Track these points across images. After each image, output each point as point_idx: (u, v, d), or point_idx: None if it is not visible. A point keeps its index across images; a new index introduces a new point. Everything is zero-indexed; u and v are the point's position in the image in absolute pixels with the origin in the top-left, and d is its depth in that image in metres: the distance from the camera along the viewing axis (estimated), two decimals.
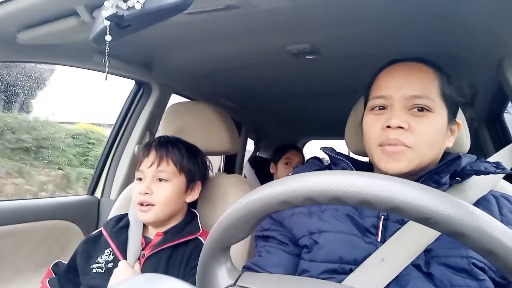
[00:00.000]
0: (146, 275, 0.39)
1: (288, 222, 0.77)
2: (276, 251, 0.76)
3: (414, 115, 0.70)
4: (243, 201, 0.41)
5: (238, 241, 0.45)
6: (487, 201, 0.69)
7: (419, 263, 0.63)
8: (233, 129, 1.32)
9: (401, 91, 0.71)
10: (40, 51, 1.05)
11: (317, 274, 0.67)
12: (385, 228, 0.68)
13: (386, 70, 0.78)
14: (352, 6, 0.88)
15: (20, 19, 0.84)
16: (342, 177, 0.35)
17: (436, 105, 0.70)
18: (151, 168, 1.00)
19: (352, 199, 0.34)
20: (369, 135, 0.74)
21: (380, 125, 0.71)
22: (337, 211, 0.72)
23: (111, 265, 0.96)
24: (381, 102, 0.73)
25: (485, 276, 0.60)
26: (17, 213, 1.22)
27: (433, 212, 0.31)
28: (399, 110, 0.70)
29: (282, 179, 0.40)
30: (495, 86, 1.25)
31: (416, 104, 0.70)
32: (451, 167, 0.68)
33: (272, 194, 0.39)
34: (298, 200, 0.37)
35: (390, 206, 0.32)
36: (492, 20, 0.89)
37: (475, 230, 0.30)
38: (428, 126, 0.69)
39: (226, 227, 0.43)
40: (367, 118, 0.77)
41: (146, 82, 1.52)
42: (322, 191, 0.36)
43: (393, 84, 0.73)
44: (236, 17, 0.93)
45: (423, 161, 0.69)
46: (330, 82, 1.54)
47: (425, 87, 0.71)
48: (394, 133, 0.69)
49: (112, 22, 0.64)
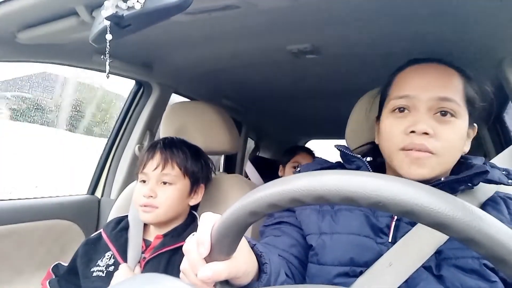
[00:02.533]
0: (147, 274, 0.39)
1: (300, 215, 0.77)
2: (290, 231, 0.75)
3: (439, 121, 0.67)
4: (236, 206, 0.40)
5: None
6: (495, 202, 0.68)
7: (430, 265, 0.62)
8: (233, 129, 1.32)
9: (428, 91, 0.68)
10: (40, 51, 1.05)
11: (329, 279, 0.66)
12: (397, 228, 0.67)
13: (408, 69, 0.74)
14: (352, 6, 0.88)
15: (19, 19, 0.84)
16: (355, 178, 0.34)
17: (461, 109, 0.68)
18: (155, 171, 0.99)
19: (364, 201, 0.34)
20: (390, 139, 0.70)
21: (403, 129, 0.68)
22: (352, 212, 0.71)
23: (111, 268, 0.96)
24: (404, 102, 0.70)
25: (496, 278, 0.59)
26: (16, 213, 1.22)
27: (445, 217, 0.30)
28: (424, 114, 0.67)
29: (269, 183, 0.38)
30: (495, 86, 1.24)
31: (442, 108, 0.67)
32: (474, 179, 0.66)
33: (258, 199, 0.37)
34: (295, 201, 0.37)
35: (403, 210, 0.32)
36: (492, 20, 0.89)
37: (486, 237, 0.30)
38: (453, 132, 0.67)
39: (223, 234, 0.42)
40: (387, 120, 0.73)
41: (146, 81, 1.52)
42: (310, 191, 0.35)
43: (419, 83, 0.70)
44: (236, 17, 0.93)
45: (445, 168, 0.68)
46: (331, 82, 1.54)
47: (453, 89, 0.68)
48: (420, 138, 0.66)
49: (112, 22, 0.64)
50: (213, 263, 0.42)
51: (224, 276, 0.43)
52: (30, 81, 3.24)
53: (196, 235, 0.43)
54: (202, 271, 0.42)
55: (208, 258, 0.43)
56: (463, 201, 0.32)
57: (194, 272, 0.43)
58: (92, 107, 3.99)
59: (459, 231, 0.30)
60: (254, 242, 0.53)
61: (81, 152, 3.77)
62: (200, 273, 0.42)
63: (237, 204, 0.39)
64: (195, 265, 0.43)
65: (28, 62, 1.08)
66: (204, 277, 0.42)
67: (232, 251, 0.43)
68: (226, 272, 0.43)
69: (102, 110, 4.02)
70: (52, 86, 3.51)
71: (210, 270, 0.42)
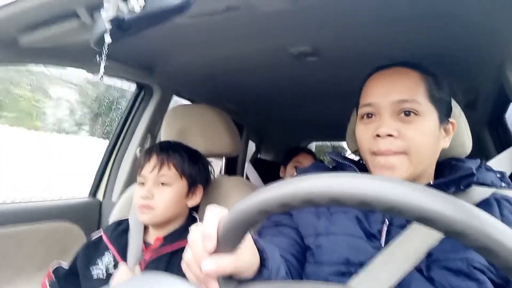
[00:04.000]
0: (147, 274, 0.39)
1: (297, 217, 0.77)
2: (287, 232, 0.76)
3: (403, 121, 0.70)
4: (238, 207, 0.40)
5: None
6: (488, 204, 0.69)
7: (421, 268, 0.63)
8: (235, 131, 1.32)
9: (388, 97, 0.71)
10: (41, 54, 1.05)
11: (325, 277, 0.67)
12: (389, 233, 0.68)
13: (371, 77, 0.78)
14: (353, 8, 0.88)
15: (20, 22, 0.84)
16: (371, 181, 0.34)
17: (423, 107, 0.70)
18: (152, 172, 1.00)
19: (351, 200, 0.34)
20: (361, 145, 0.75)
21: (370, 134, 0.72)
22: (347, 214, 0.72)
23: (112, 270, 0.96)
24: (368, 110, 0.74)
25: (485, 278, 0.60)
26: (18, 215, 1.22)
27: (433, 212, 0.31)
28: (387, 118, 0.71)
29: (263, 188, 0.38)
30: (497, 88, 1.24)
31: (404, 109, 0.70)
32: (462, 181, 0.67)
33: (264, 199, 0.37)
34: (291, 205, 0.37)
35: (387, 206, 0.32)
36: (494, 22, 0.89)
37: (474, 229, 0.30)
38: (417, 130, 0.69)
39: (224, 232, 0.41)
40: (358, 127, 0.77)
41: (147, 84, 1.53)
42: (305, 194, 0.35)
43: (378, 91, 0.74)
44: (237, 20, 0.93)
45: (418, 165, 0.69)
46: (332, 84, 1.54)
47: (411, 90, 0.71)
48: (385, 142, 0.69)
49: (112, 24, 0.64)
50: (218, 257, 0.42)
51: (230, 270, 0.42)
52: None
53: (202, 227, 0.43)
54: (207, 264, 0.41)
55: (211, 251, 0.42)
56: (444, 194, 0.32)
57: (198, 265, 0.43)
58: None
59: (444, 224, 0.31)
60: (256, 237, 0.53)
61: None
62: (204, 266, 0.41)
63: (247, 201, 0.38)
64: (199, 257, 0.42)
65: (29, 64, 1.08)
66: (209, 270, 0.41)
67: (237, 246, 0.43)
68: (232, 266, 0.42)
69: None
70: None
71: (216, 263, 0.41)
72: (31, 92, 3.74)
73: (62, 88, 4.02)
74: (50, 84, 3.95)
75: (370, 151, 0.72)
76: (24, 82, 3.57)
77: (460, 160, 0.78)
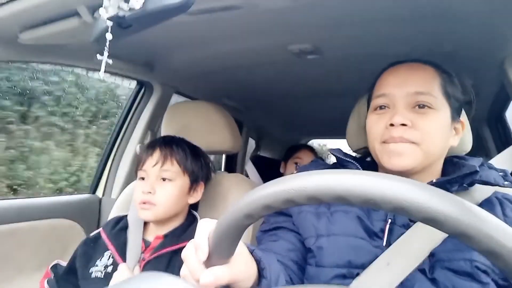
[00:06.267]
0: (147, 273, 0.38)
1: (296, 219, 0.77)
2: (287, 235, 0.75)
3: (417, 113, 0.70)
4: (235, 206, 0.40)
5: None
6: (491, 203, 0.69)
7: (424, 268, 0.62)
8: (235, 128, 1.32)
9: (403, 88, 0.71)
10: (42, 52, 1.05)
11: (327, 280, 0.67)
12: (390, 232, 0.68)
13: (387, 71, 0.78)
14: (353, 6, 0.88)
15: (21, 20, 0.84)
16: (346, 176, 0.34)
17: (438, 102, 0.70)
18: (155, 167, 0.98)
19: (357, 199, 0.34)
20: (372, 134, 0.75)
21: (383, 124, 0.72)
22: (347, 213, 0.72)
23: (110, 269, 0.95)
24: (383, 101, 0.74)
25: (488, 279, 0.60)
26: (18, 212, 1.22)
27: (438, 212, 0.31)
28: (402, 109, 0.71)
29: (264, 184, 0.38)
30: (497, 85, 1.25)
31: (419, 101, 0.70)
32: (465, 179, 0.67)
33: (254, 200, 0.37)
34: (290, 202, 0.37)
35: (394, 206, 0.32)
36: (494, 20, 0.89)
37: (478, 230, 0.30)
38: (431, 122, 0.69)
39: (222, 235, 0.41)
40: (370, 118, 0.77)
41: (148, 81, 1.53)
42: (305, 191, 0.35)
43: (394, 82, 0.74)
44: (237, 17, 0.93)
45: (428, 157, 0.69)
46: (332, 82, 1.54)
47: (426, 83, 0.71)
48: (398, 131, 0.69)
49: (113, 23, 0.64)
50: (214, 268, 0.42)
51: (226, 280, 0.42)
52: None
53: (194, 240, 0.43)
54: (204, 276, 0.41)
55: (207, 263, 0.42)
56: (449, 193, 0.32)
57: (194, 278, 0.43)
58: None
59: (448, 224, 0.31)
60: (253, 248, 0.53)
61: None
62: (202, 278, 0.41)
63: (233, 207, 0.39)
64: (195, 270, 0.43)
65: (30, 62, 1.08)
66: (206, 282, 0.41)
67: (231, 254, 0.43)
68: (228, 277, 0.42)
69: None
70: None
71: (212, 274, 0.41)
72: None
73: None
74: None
75: (381, 140, 0.72)
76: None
77: (462, 158, 0.78)
